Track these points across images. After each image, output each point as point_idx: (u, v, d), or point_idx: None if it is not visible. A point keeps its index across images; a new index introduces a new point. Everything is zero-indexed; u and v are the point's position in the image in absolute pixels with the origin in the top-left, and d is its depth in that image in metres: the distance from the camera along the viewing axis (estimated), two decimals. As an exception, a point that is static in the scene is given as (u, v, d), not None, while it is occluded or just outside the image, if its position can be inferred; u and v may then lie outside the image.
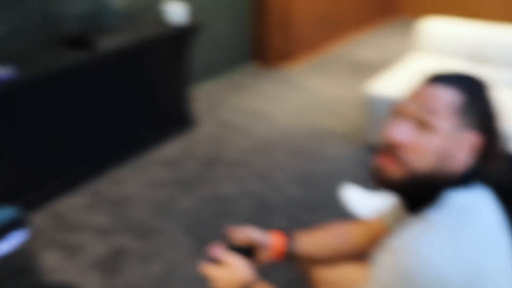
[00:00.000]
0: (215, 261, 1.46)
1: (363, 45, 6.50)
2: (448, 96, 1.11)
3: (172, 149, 3.92)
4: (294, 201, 3.25)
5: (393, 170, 1.13)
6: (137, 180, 3.51)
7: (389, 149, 1.14)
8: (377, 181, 1.17)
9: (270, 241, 1.60)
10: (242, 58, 5.60)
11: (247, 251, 1.56)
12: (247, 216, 3.12)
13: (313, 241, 1.62)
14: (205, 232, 2.98)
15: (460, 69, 1.19)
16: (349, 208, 2.99)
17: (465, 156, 1.11)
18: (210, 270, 1.44)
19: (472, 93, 1.13)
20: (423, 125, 1.11)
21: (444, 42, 4.16)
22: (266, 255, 1.60)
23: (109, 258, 2.79)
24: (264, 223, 3.03)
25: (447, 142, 1.10)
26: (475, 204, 1.11)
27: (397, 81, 3.81)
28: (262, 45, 5.59)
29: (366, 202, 2.72)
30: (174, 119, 4.09)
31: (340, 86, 5.15)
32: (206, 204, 3.25)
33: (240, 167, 3.66)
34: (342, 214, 3.07)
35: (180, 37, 3.83)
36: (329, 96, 4.90)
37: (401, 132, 1.12)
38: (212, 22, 4.94)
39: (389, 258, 1.08)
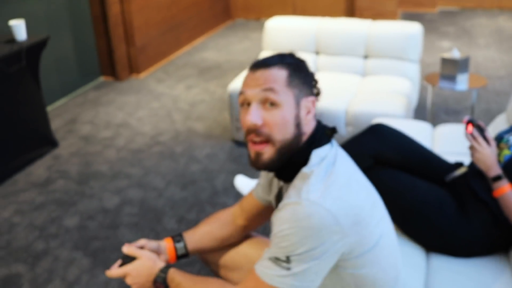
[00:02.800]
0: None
1: (207, 48, 6.71)
2: (276, 73, 1.36)
3: (39, 170, 3.78)
4: (179, 203, 3.32)
5: (267, 151, 1.35)
6: (10, 206, 3.34)
7: (253, 134, 1.35)
8: (259, 166, 1.38)
9: (165, 245, 1.73)
10: (91, 72, 5.50)
11: None
12: (136, 224, 3.13)
13: (199, 235, 1.77)
14: (97, 246, 2.94)
15: (279, 52, 1.45)
16: (243, 195, 3.16)
17: (311, 119, 1.39)
18: (120, 270, 1.56)
19: (293, 66, 1.39)
20: (268, 103, 1.34)
21: (287, 38, 4.47)
22: (164, 259, 1.70)
23: (0, 289, 2.65)
24: (155, 228, 3.07)
25: (294, 111, 1.34)
26: (332, 155, 1.37)
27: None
28: (109, 57, 5.53)
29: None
30: (35, 139, 3.93)
31: (194, 88, 5.29)
32: (90, 219, 3.20)
33: (115, 178, 3.64)
34: (228, 206, 3.21)
35: (26, 54, 3.65)
36: (185, 99, 5.01)
37: (253, 116, 1.33)
38: (56, 37, 4.81)
39: (285, 212, 1.28)
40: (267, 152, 1.35)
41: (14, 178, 3.68)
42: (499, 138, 2.19)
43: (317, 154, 1.36)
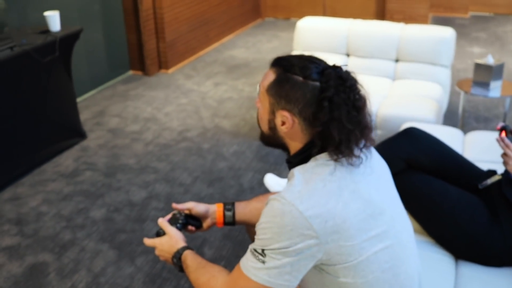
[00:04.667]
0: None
1: (236, 46, 6.72)
2: (268, 75, 1.42)
3: (67, 161, 3.81)
4: (205, 199, 3.33)
5: (260, 126, 1.50)
6: (38, 195, 3.38)
7: None
8: (260, 134, 1.52)
9: (214, 210, 1.81)
10: (121, 65, 5.55)
11: (195, 219, 1.79)
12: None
13: (249, 209, 1.83)
14: (123, 239, 2.96)
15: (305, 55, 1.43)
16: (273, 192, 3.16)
17: (294, 131, 1.38)
18: (151, 241, 1.68)
19: (282, 76, 1.38)
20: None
21: (318, 39, 4.45)
22: (210, 223, 1.81)
23: (27, 277, 2.68)
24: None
25: (268, 115, 1.42)
26: (331, 163, 1.34)
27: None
28: (139, 51, 5.57)
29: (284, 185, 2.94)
30: (64, 130, 3.97)
31: (222, 86, 5.30)
32: (117, 211, 3.22)
33: (142, 172, 3.66)
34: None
35: (59, 44, 3.69)
36: (213, 96, 5.02)
37: (257, 100, 1.48)
38: (88, 30, 4.85)
39: (267, 206, 1.32)
40: (262, 127, 1.50)
41: (42, 168, 3.72)
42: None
43: (314, 159, 1.36)
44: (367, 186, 1.37)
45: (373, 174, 1.43)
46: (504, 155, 2.05)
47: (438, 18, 8.09)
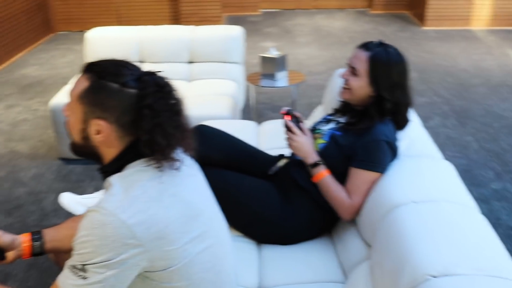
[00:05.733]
0: None
1: (27, 64, 6.33)
2: (80, 82, 1.35)
3: None
4: (5, 230, 3.08)
5: (71, 136, 1.41)
6: None
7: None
8: (71, 144, 1.43)
9: (20, 241, 1.67)
10: None
11: None
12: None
13: (59, 235, 1.71)
14: None
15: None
16: (73, 212, 3.01)
17: (109, 139, 1.33)
18: None
19: (97, 84, 1.32)
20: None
21: (110, 48, 4.36)
22: (16, 255, 1.66)
23: None
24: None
25: (80, 124, 1.34)
26: (148, 168, 1.32)
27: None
28: None
29: (84, 202, 2.79)
30: None
31: (15, 108, 4.96)
32: None
33: None
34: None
35: None
36: (6, 119, 4.68)
37: (65, 108, 1.39)
38: None
39: (84, 219, 1.25)
40: (73, 135, 1.41)
41: None
42: (314, 129, 2.32)
43: (130, 167, 1.33)
44: (186, 189, 1.37)
45: (190, 176, 1.44)
46: (288, 138, 2.18)
47: (232, 17, 8.42)
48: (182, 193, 1.35)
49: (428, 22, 7.66)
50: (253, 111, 4.31)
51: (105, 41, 4.36)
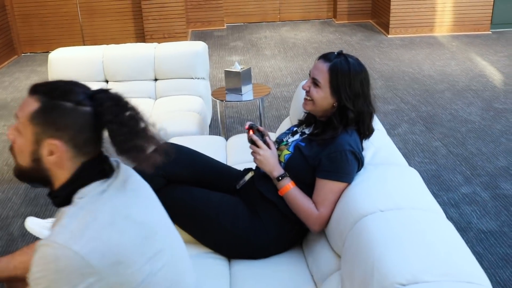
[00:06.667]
0: None
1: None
2: (28, 102, 1.28)
3: None
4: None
5: (18, 160, 1.33)
6: None
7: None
8: (15, 169, 1.35)
9: None
10: None
11: None
12: None
13: (12, 264, 1.66)
14: None
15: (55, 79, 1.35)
16: (39, 236, 2.95)
17: (62, 160, 1.28)
18: None
19: (48, 104, 1.26)
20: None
21: (74, 68, 4.30)
22: None
23: None
24: None
25: (31, 146, 1.27)
26: (98, 192, 1.29)
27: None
28: None
29: (49, 226, 2.74)
30: None
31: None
32: None
33: None
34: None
35: None
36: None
37: (9, 132, 1.31)
38: None
39: (36, 254, 1.20)
40: (20, 161, 1.33)
41: None
42: (280, 141, 2.31)
43: (80, 193, 1.29)
44: (138, 209, 1.34)
45: (141, 196, 1.41)
46: (253, 152, 2.17)
47: (198, 33, 8.42)
48: (135, 214, 1.32)
49: (392, 30, 7.77)
50: (221, 126, 4.30)
51: (69, 61, 4.30)
